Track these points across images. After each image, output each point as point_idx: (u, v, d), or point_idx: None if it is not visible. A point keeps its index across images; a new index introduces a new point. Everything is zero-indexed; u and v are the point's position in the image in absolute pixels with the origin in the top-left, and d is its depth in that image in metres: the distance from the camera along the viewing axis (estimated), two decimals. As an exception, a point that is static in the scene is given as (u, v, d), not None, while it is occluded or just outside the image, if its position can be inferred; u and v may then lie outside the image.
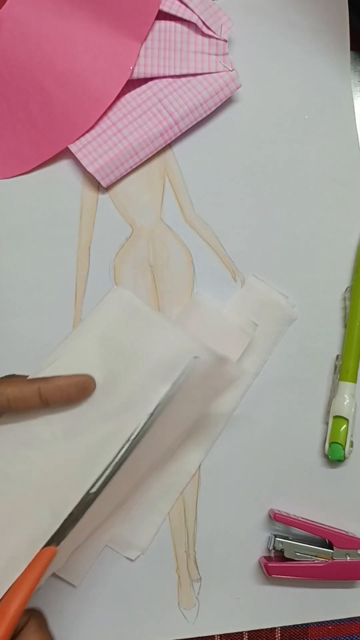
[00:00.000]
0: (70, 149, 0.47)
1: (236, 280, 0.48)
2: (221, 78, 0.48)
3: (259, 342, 0.47)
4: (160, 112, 0.47)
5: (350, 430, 0.46)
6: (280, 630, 0.46)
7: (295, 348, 0.48)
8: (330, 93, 0.50)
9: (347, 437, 0.46)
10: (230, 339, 0.46)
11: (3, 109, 0.47)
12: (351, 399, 0.46)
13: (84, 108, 0.47)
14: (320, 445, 0.47)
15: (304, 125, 0.50)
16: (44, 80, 0.46)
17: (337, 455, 0.46)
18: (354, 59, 0.51)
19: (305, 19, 0.50)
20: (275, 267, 0.48)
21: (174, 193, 0.49)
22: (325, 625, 0.46)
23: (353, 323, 0.47)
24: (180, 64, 0.48)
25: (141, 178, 0.48)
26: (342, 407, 0.46)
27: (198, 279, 0.48)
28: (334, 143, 0.50)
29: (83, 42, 0.46)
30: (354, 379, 0.46)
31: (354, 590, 0.46)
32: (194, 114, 0.47)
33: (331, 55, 0.50)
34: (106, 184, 0.48)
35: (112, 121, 0.47)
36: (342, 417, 0.46)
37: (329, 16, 0.51)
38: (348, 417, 0.46)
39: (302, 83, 0.50)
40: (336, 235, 0.49)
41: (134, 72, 0.47)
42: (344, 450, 0.46)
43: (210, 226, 0.49)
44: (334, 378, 0.47)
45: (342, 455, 0.46)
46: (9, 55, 0.46)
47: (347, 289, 0.48)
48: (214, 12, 0.47)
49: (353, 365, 0.46)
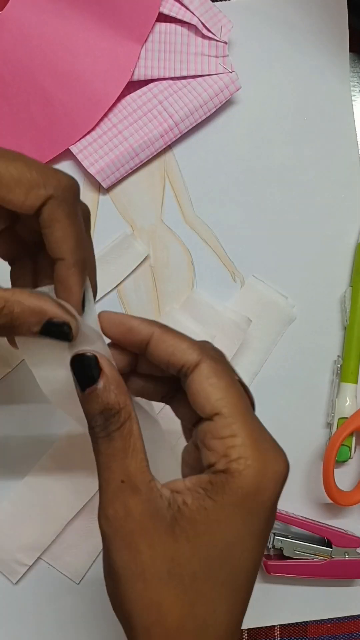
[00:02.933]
0: (71, 150, 0.47)
1: (236, 281, 0.48)
2: (221, 80, 0.48)
3: (258, 342, 0.47)
4: (160, 114, 0.47)
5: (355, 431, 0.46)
6: (279, 627, 0.46)
7: (294, 348, 0.48)
8: (330, 94, 0.50)
9: (353, 438, 0.46)
10: (224, 335, 0.46)
11: (4, 110, 0.47)
12: (353, 400, 0.46)
13: (85, 110, 0.47)
14: (319, 445, 0.47)
15: (303, 127, 0.50)
16: (45, 82, 0.47)
17: (344, 456, 0.46)
18: (353, 60, 0.51)
19: (304, 21, 0.51)
20: (274, 268, 0.49)
21: (174, 194, 0.49)
22: (325, 623, 0.47)
23: (353, 324, 0.47)
24: (180, 66, 0.48)
25: (142, 179, 0.49)
26: (343, 408, 0.46)
27: (198, 279, 0.48)
28: (333, 144, 0.50)
29: (84, 44, 0.47)
30: (355, 380, 0.47)
31: (353, 589, 0.47)
32: (194, 115, 0.48)
33: (330, 57, 0.50)
34: (107, 185, 0.48)
35: (113, 123, 0.47)
36: (347, 418, 0.46)
37: (328, 18, 0.51)
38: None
39: (302, 85, 0.50)
40: (335, 236, 0.49)
41: (134, 74, 0.47)
42: (350, 451, 0.46)
43: (210, 227, 0.49)
44: (335, 379, 0.48)
45: (348, 457, 0.46)
46: (10, 57, 0.46)
47: (346, 290, 0.48)
48: (214, 14, 0.48)
49: (354, 366, 0.47)
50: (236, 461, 0.27)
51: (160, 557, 0.26)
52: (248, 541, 0.27)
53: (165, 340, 0.29)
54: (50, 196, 0.28)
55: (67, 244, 0.29)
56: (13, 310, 0.27)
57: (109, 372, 0.28)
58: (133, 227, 0.48)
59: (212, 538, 0.27)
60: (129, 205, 0.49)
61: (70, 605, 0.45)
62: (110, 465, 0.27)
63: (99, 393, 0.27)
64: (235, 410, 0.28)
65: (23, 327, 0.28)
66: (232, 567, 0.27)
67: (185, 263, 0.48)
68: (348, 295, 0.48)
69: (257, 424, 0.29)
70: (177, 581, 0.26)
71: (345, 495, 0.45)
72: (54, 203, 0.28)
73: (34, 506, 0.44)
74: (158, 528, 0.27)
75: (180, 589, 0.26)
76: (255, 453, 0.27)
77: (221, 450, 0.27)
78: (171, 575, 0.26)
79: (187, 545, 0.26)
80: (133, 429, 0.28)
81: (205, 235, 0.49)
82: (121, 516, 0.27)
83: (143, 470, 0.27)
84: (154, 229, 0.49)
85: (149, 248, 0.48)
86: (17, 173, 0.27)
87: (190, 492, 0.27)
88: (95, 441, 0.28)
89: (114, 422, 0.27)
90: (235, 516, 0.27)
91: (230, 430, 0.27)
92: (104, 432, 0.27)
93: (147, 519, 0.27)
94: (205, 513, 0.26)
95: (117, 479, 0.27)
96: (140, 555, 0.26)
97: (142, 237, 0.48)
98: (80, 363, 0.28)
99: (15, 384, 0.46)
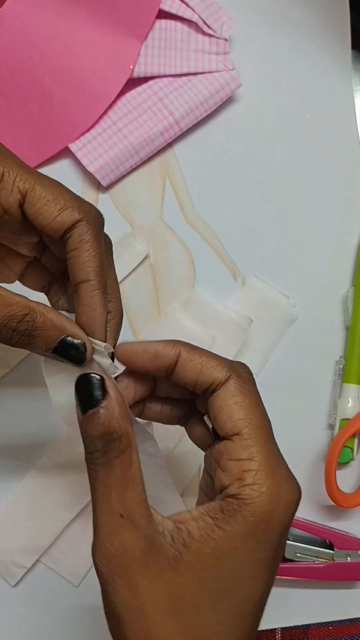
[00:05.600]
0: (70, 148, 0.47)
1: (237, 280, 0.48)
2: (222, 77, 0.47)
3: (260, 342, 0.47)
4: (160, 111, 0.47)
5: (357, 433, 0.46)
6: (280, 631, 0.46)
7: (296, 349, 0.48)
8: (331, 92, 0.50)
9: (355, 440, 0.46)
10: (225, 335, 0.45)
11: (3, 107, 0.47)
12: (355, 401, 0.46)
13: (84, 107, 0.47)
14: (321, 446, 0.47)
15: (304, 125, 0.50)
16: (44, 79, 0.46)
17: (347, 458, 0.46)
18: (354, 57, 0.51)
19: (306, 18, 0.50)
20: (276, 267, 0.48)
21: (175, 192, 0.49)
22: (326, 626, 0.46)
23: (356, 324, 0.47)
24: (180, 63, 0.47)
25: (141, 177, 0.48)
26: (345, 409, 0.46)
27: (198, 279, 0.48)
28: (335, 142, 0.50)
29: (83, 41, 0.46)
30: (358, 381, 0.46)
31: (355, 591, 0.46)
32: (194, 113, 0.47)
33: (332, 54, 0.50)
34: (106, 184, 0.47)
35: (112, 120, 0.47)
36: (349, 419, 0.46)
37: (329, 15, 0.50)
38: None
39: (303, 82, 0.50)
40: (338, 234, 0.49)
41: (134, 71, 0.47)
42: (352, 453, 0.46)
43: (211, 226, 0.48)
44: (337, 380, 0.47)
45: (350, 458, 0.46)
46: (9, 54, 0.46)
47: (348, 290, 0.48)
48: (214, 11, 0.47)
49: (356, 366, 0.46)
50: (250, 487, 0.26)
51: (162, 592, 0.25)
52: (256, 571, 0.26)
53: (193, 359, 0.29)
54: (81, 219, 0.29)
55: (92, 266, 0.29)
56: (35, 318, 0.28)
57: (114, 395, 0.27)
58: (133, 226, 0.48)
59: (219, 570, 0.26)
60: (128, 204, 0.48)
61: (69, 608, 0.45)
62: (110, 497, 0.26)
63: (101, 415, 0.26)
64: (256, 433, 0.27)
65: (40, 340, 0.28)
66: (238, 598, 0.26)
67: (186, 262, 0.48)
68: (350, 295, 0.47)
69: (276, 450, 0.28)
70: (180, 615, 0.25)
71: (347, 497, 0.44)
72: (83, 225, 0.29)
73: (33, 508, 0.44)
74: (159, 563, 0.26)
75: (183, 624, 0.25)
76: (270, 479, 0.26)
77: (236, 473, 0.26)
78: (174, 610, 0.25)
79: (192, 579, 0.25)
80: (133, 458, 0.27)
81: (205, 234, 0.48)
82: (120, 553, 0.26)
83: (142, 503, 0.26)
84: (154, 228, 0.48)
85: (149, 247, 0.48)
86: (52, 195, 0.29)
87: (197, 522, 0.26)
88: (93, 468, 0.27)
89: (114, 448, 0.26)
90: (244, 545, 0.26)
91: (248, 452, 0.27)
92: (103, 457, 0.26)
93: (147, 555, 0.26)
94: (214, 544, 0.26)
95: (115, 512, 0.26)
96: (139, 592, 0.25)
97: (142, 236, 0.48)
98: (86, 383, 0.27)
99: (14, 385, 0.45)
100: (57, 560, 0.44)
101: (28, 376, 0.45)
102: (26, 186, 0.29)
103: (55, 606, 0.44)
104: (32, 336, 0.28)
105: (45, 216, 0.29)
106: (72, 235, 0.29)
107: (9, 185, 0.29)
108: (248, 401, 0.28)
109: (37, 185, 0.29)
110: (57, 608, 0.44)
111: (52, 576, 0.44)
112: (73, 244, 0.29)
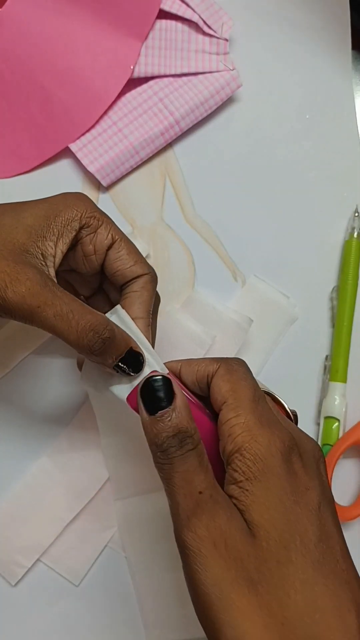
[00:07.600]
0: (70, 148, 0.47)
1: (237, 280, 0.48)
2: (222, 77, 0.47)
3: (260, 342, 0.47)
4: (160, 111, 0.47)
5: (341, 431, 0.45)
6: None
7: (297, 348, 0.48)
8: (332, 92, 0.50)
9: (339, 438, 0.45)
10: (225, 335, 0.45)
11: (3, 107, 0.47)
12: (341, 399, 0.46)
13: (85, 107, 0.47)
14: (321, 446, 0.47)
15: (305, 125, 0.50)
16: (44, 79, 0.46)
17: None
18: (355, 57, 0.51)
19: (306, 18, 0.50)
20: (276, 268, 0.48)
21: (175, 192, 0.49)
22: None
23: (341, 322, 0.47)
24: (181, 63, 0.47)
25: (142, 177, 0.48)
26: (332, 407, 0.45)
27: (199, 278, 0.48)
28: (335, 142, 0.50)
29: (84, 41, 0.46)
30: (344, 379, 0.46)
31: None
32: (194, 113, 0.47)
33: (332, 54, 0.50)
34: (107, 184, 0.47)
35: (113, 120, 0.47)
36: (333, 417, 0.45)
37: (330, 15, 0.50)
38: (339, 418, 0.45)
39: (303, 82, 0.50)
40: (338, 234, 0.49)
41: (134, 71, 0.47)
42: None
43: (211, 226, 0.48)
44: (324, 378, 0.47)
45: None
46: (10, 54, 0.46)
47: (333, 288, 0.48)
48: (215, 11, 0.47)
49: (342, 365, 0.46)
50: (241, 435, 0.28)
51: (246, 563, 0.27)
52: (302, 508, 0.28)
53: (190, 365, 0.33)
54: (146, 273, 0.37)
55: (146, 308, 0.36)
56: (115, 329, 0.33)
57: (180, 395, 0.30)
58: (133, 226, 0.48)
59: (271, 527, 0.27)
60: (129, 204, 0.48)
61: (69, 608, 0.44)
62: (192, 480, 0.28)
63: (172, 416, 0.29)
64: (242, 398, 0.30)
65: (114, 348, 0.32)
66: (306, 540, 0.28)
67: (186, 262, 0.48)
68: (335, 295, 0.47)
69: (266, 410, 0.30)
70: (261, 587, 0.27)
71: (344, 511, 0.44)
72: (147, 277, 0.37)
73: (33, 507, 0.44)
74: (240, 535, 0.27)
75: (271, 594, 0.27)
76: (258, 426, 0.28)
77: (227, 432, 0.29)
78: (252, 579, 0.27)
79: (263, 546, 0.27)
80: (203, 449, 0.29)
81: (206, 234, 0.48)
82: (210, 529, 0.27)
83: (216, 484, 0.29)
84: (155, 228, 0.48)
85: (150, 247, 0.48)
86: (131, 249, 0.37)
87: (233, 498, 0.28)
88: (169, 461, 0.29)
89: (189, 443, 0.29)
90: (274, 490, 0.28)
91: (235, 412, 0.29)
92: (179, 451, 0.29)
93: (232, 529, 0.27)
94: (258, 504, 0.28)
95: (195, 494, 0.28)
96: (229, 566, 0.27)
97: (142, 236, 0.48)
98: (153, 385, 0.30)
99: (14, 385, 0.45)
100: (57, 559, 0.44)
101: (28, 377, 0.45)
102: (116, 237, 0.36)
103: (56, 606, 0.44)
104: (110, 344, 0.32)
105: (123, 262, 0.36)
106: (137, 281, 0.36)
107: (106, 232, 0.36)
108: (234, 377, 0.31)
109: (123, 239, 0.37)
110: (57, 608, 0.44)
111: (52, 576, 0.44)
112: (137, 287, 0.36)
